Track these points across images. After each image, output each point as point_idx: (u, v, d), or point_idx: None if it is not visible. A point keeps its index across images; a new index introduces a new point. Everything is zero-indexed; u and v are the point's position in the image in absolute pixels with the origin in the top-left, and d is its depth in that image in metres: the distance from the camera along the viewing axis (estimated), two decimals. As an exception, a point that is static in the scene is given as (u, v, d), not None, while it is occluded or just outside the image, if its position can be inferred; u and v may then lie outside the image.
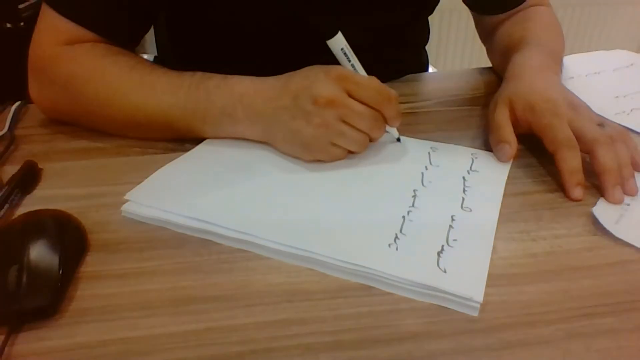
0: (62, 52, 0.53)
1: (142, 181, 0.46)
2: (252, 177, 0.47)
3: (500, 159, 0.50)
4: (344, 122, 0.46)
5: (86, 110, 0.54)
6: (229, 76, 0.51)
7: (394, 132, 0.53)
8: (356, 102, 0.46)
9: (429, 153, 0.52)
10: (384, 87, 0.47)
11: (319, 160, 0.49)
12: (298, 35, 0.62)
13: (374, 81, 0.47)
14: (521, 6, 0.68)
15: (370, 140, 0.50)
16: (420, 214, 0.43)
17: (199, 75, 0.51)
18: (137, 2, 0.55)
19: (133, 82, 0.51)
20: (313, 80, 0.46)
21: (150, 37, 0.83)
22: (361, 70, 0.50)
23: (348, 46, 0.48)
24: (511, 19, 0.68)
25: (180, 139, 0.53)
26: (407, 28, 0.73)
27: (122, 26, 0.56)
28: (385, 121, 0.49)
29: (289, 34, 0.62)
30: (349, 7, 0.62)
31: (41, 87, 0.55)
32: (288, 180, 0.47)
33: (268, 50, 0.62)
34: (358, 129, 0.47)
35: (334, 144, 0.47)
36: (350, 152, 0.49)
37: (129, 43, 0.58)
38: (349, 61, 0.48)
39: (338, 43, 0.48)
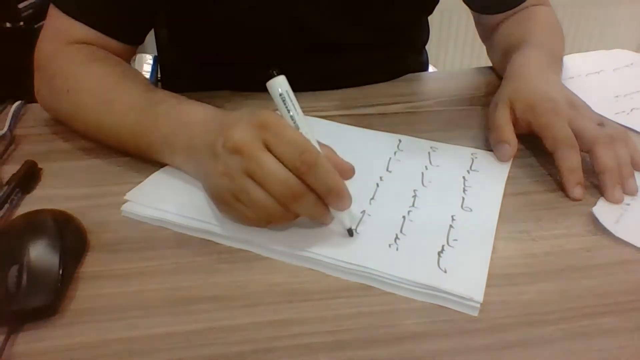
0: (56, 51, 0.54)
1: (142, 181, 0.46)
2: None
3: (500, 159, 0.50)
4: (251, 177, 0.37)
5: (64, 115, 0.54)
6: (185, 102, 0.47)
7: (343, 218, 0.40)
8: (270, 157, 0.37)
9: (429, 153, 0.52)
10: (312, 150, 0.36)
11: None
12: (299, 35, 0.62)
13: (303, 138, 0.37)
14: (521, 6, 0.68)
15: (320, 222, 0.41)
16: (420, 214, 0.43)
17: (158, 97, 0.48)
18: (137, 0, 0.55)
19: (95, 98, 0.50)
20: (237, 121, 0.39)
21: (149, 37, 0.83)
22: (302, 124, 0.39)
23: (290, 92, 0.38)
24: (511, 19, 0.68)
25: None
26: (407, 28, 0.72)
27: (122, 24, 0.56)
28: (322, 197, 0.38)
29: (290, 33, 0.62)
30: (349, 7, 0.62)
31: (38, 83, 0.56)
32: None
33: (268, 49, 0.62)
34: (267, 191, 0.37)
35: (241, 202, 0.39)
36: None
37: (130, 41, 0.58)
38: (289, 111, 0.38)
39: (276, 87, 0.38)
